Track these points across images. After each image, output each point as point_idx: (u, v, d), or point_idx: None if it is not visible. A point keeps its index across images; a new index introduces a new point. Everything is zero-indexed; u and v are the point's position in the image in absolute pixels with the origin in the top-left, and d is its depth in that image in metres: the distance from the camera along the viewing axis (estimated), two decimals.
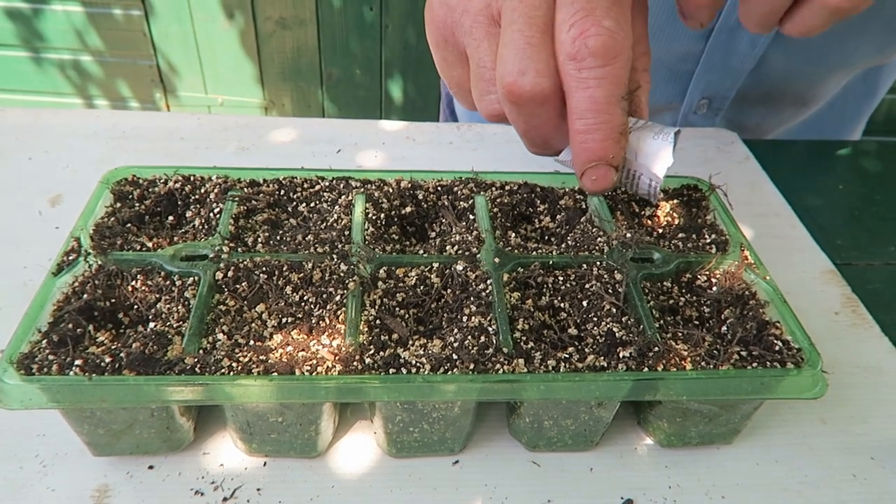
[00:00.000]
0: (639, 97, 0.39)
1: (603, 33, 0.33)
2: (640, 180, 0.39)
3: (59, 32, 1.71)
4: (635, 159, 0.39)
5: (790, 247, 0.55)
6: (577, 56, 0.33)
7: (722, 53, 0.63)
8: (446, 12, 0.39)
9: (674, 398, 0.35)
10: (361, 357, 0.34)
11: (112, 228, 0.40)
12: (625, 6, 0.35)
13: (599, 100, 0.34)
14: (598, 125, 0.34)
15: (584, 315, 0.38)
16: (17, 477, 0.36)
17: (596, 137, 0.35)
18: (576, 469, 0.39)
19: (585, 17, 0.33)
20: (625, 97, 0.35)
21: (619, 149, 0.35)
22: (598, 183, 0.36)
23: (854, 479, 0.39)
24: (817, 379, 0.35)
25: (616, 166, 0.36)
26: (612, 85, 0.34)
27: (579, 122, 0.35)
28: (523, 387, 0.34)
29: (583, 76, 0.34)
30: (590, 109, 0.34)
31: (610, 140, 0.35)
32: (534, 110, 0.35)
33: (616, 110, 0.34)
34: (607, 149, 0.35)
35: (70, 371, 0.32)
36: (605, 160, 0.35)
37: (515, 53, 0.34)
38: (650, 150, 0.38)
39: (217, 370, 0.33)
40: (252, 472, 0.37)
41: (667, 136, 0.38)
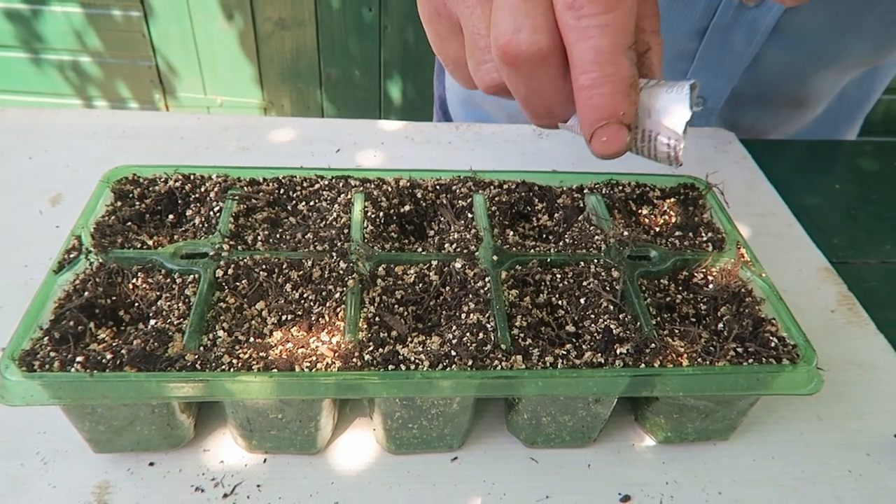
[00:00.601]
0: (650, 59, 0.36)
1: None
2: (657, 141, 0.35)
3: (59, 33, 1.71)
4: (648, 117, 0.35)
5: (787, 245, 0.56)
6: (574, 4, 0.30)
7: (717, 52, 0.63)
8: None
9: (670, 394, 0.35)
10: (361, 354, 0.34)
11: (113, 227, 0.41)
12: None
13: (603, 50, 0.31)
14: (604, 78, 0.31)
15: (582, 312, 0.38)
16: (19, 474, 0.36)
17: (603, 92, 0.31)
18: (574, 465, 0.39)
19: None
20: (632, 47, 0.32)
21: (630, 104, 0.32)
22: (609, 145, 0.33)
23: (850, 474, 0.39)
24: (812, 375, 0.36)
25: (628, 124, 0.32)
26: (617, 32, 0.31)
27: (583, 76, 0.31)
28: (521, 383, 0.34)
29: (583, 25, 0.31)
30: (594, 61, 0.31)
31: (619, 94, 0.31)
32: (533, 71, 0.32)
33: (623, 60, 0.31)
34: (617, 104, 0.32)
35: (71, 368, 0.32)
36: (616, 117, 0.32)
37: (509, 12, 0.32)
38: (663, 105, 0.34)
39: (217, 367, 0.33)
40: (252, 468, 0.37)
41: (681, 88, 0.34)
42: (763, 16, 0.60)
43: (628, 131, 0.33)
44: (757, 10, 0.59)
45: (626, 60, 0.31)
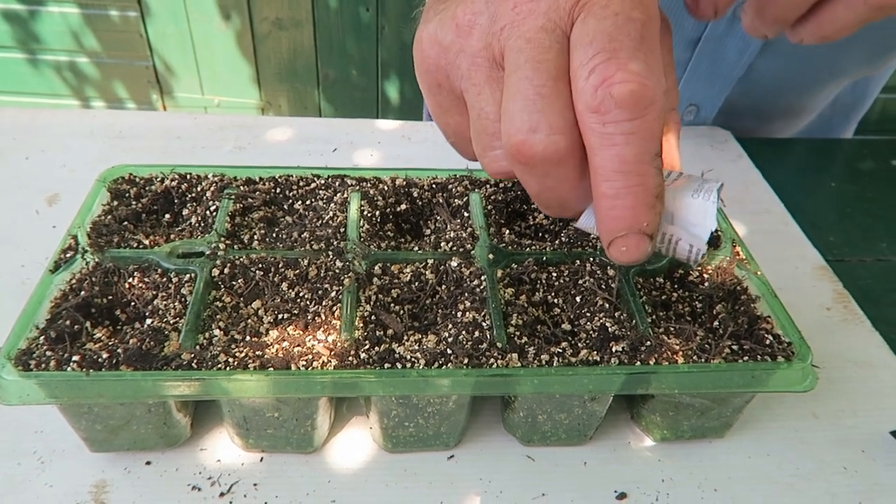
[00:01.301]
0: (668, 141, 0.35)
1: (631, 79, 0.27)
2: (678, 245, 0.33)
3: (56, 34, 1.71)
4: (671, 222, 0.33)
5: (782, 243, 0.56)
6: (600, 108, 0.28)
7: (709, 62, 0.63)
8: (439, 52, 0.33)
9: (666, 392, 0.35)
10: (357, 352, 0.34)
11: (109, 226, 0.41)
12: (653, 42, 0.29)
13: (629, 159, 0.28)
14: (628, 189, 0.29)
15: (578, 310, 0.38)
16: (16, 473, 0.36)
17: (626, 203, 0.29)
18: (569, 463, 0.39)
19: (608, 61, 0.28)
20: (658, 154, 0.29)
21: (655, 215, 0.30)
22: (629, 254, 0.30)
23: (845, 471, 0.39)
24: (807, 372, 0.36)
25: (650, 234, 0.30)
26: (645, 141, 0.28)
27: (605, 184, 0.29)
28: (517, 381, 0.34)
29: (608, 131, 0.28)
30: (618, 171, 0.28)
31: (643, 206, 0.29)
32: (548, 171, 0.30)
33: (650, 170, 0.28)
34: (640, 216, 0.29)
35: (68, 367, 0.32)
36: (638, 228, 0.29)
37: (524, 106, 0.29)
38: (689, 211, 0.32)
39: (213, 366, 0.33)
40: (249, 467, 0.38)
41: (709, 193, 0.32)
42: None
43: (650, 240, 0.30)
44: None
45: (653, 169, 0.29)
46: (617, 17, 0.28)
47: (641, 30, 0.28)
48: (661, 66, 0.29)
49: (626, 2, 0.29)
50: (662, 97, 0.29)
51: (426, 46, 0.34)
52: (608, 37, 0.28)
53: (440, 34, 0.33)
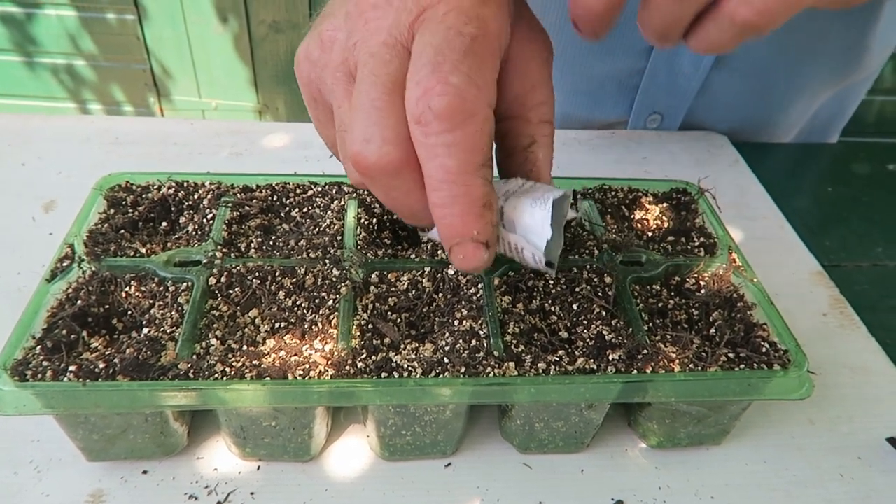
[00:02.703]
0: (534, 153, 0.35)
1: (448, 92, 0.28)
2: (523, 253, 0.34)
3: (53, 37, 1.70)
4: (514, 231, 0.34)
5: (779, 248, 0.56)
6: (421, 119, 0.29)
7: (665, 72, 0.64)
8: (310, 68, 0.34)
9: (663, 400, 0.36)
10: (354, 361, 0.34)
11: (105, 235, 0.41)
12: (482, 57, 0.30)
13: (452, 169, 0.29)
14: (453, 198, 0.30)
15: (575, 318, 0.38)
16: (12, 483, 0.36)
17: (454, 212, 0.30)
18: (567, 471, 0.39)
19: (430, 74, 0.28)
20: (485, 164, 0.30)
21: (484, 223, 0.30)
22: (467, 261, 0.31)
23: (841, 478, 0.39)
24: (804, 380, 0.36)
25: (484, 242, 0.31)
26: (465, 152, 0.29)
27: (433, 194, 0.30)
28: (514, 390, 0.34)
29: (431, 142, 0.29)
30: (443, 180, 0.29)
31: (470, 215, 0.30)
32: (388, 182, 0.31)
33: (474, 180, 0.29)
34: (468, 224, 0.30)
35: (64, 377, 0.32)
36: (469, 237, 0.30)
37: (360, 118, 0.30)
38: (527, 220, 0.33)
39: (210, 375, 0.33)
40: (246, 476, 0.37)
41: (545, 202, 0.33)
42: None
43: (486, 248, 0.31)
44: None
45: (478, 180, 0.30)
46: (448, 31, 0.29)
47: (470, 44, 0.29)
48: (490, 78, 0.30)
49: (461, 17, 0.30)
50: (487, 108, 0.30)
51: (300, 61, 0.35)
52: (435, 50, 0.29)
53: (310, 49, 0.34)
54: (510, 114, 0.35)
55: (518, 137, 0.35)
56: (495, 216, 0.31)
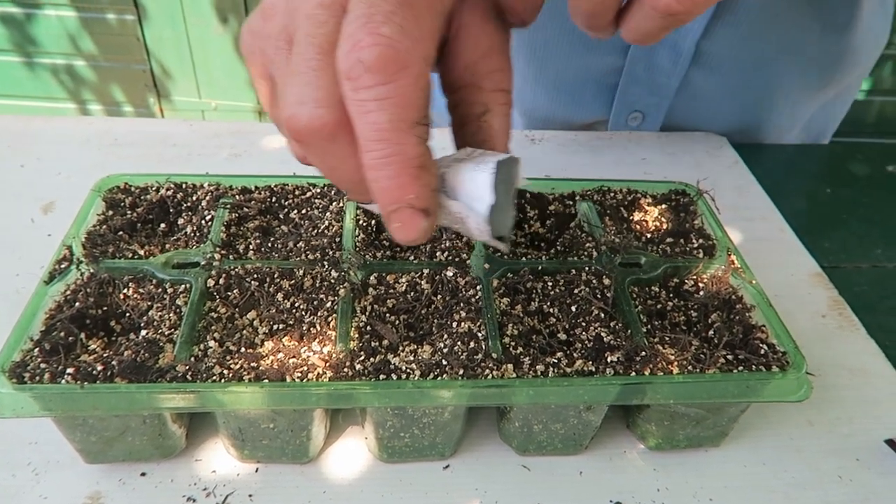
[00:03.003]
0: (487, 121, 0.34)
1: (380, 42, 0.27)
2: (468, 223, 0.32)
3: (52, 37, 1.70)
4: (456, 198, 0.32)
5: (778, 250, 0.56)
6: (350, 74, 0.27)
7: (644, 69, 0.64)
8: (252, 40, 0.33)
9: (661, 402, 0.35)
10: (352, 363, 0.34)
11: (104, 236, 0.41)
12: (420, 9, 0.28)
13: (384, 126, 0.27)
14: (386, 158, 0.28)
15: (573, 320, 0.38)
16: (10, 485, 0.36)
17: (388, 173, 0.28)
18: (565, 473, 0.39)
19: (362, 26, 0.27)
20: (421, 121, 0.28)
21: (421, 186, 0.28)
22: (405, 231, 0.29)
23: (840, 480, 0.39)
24: (802, 382, 0.36)
25: (423, 209, 0.29)
26: (398, 107, 0.27)
27: (366, 155, 0.28)
28: (512, 392, 0.34)
29: (360, 98, 0.27)
30: (374, 139, 0.28)
31: (405, 175, 0.28)
32: (323, 148, 0.29)
33: (408, 138, 0.28)
34: (403, 187, 0.28)
35: (62, 379, 0.32)
36: (406, 202, 0.29)
37: (295, 81, 0.29)
38: (468, 185, 0.31)
39: (208, 377, 0.33)
40: (244, 477, 0.37)
41: (487, 166, 0.31)
42: (683, 39, 0.60)
43: (425, 216, 0.29)
44: (677, 31, 0.60)
45: (412, 138, 0.28)
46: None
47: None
48: (425, 33, 0.28)
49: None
50: (421, 62, 0.28)
51: (243, 34, 0.34)
52: (368, 3, 0.27)
53: (253, 21, 0.33)
54: (463, 82, 0.34)
55: (471, 106, 0.34)
56: (433, 180, 0.29)
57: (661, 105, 0.67)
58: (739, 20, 0.60)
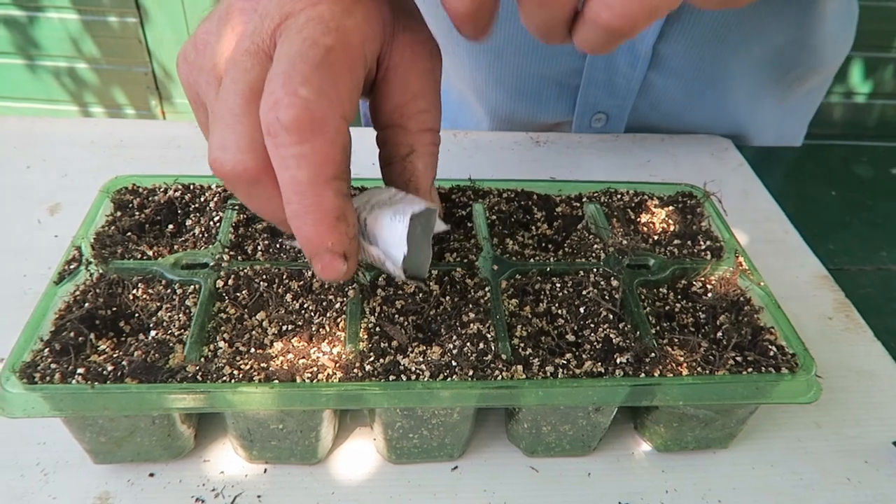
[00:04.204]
0: (412, 163, 0.35)
1: (296, 104, 0.28)
2: (386, 265, 0.34)
3: (54, 40, 1.71)
4: (376, 243, 0.34)
5: (783, 252, 0.56)
6: (270, 131, 0.28)
7: (603, 71, 0.64)
8: (187, 70, 0.34)
9: (670, 403, 0.35)
10: (361, 364, 0.34)
11: (112, 237, 0.41)
12: (339, 69, 0.30)
13: (303, 181, 0.29)
14: (305, 210, 0.29)
15: (582, 321, 0.38)
16: (19, 485, 0.36)
17: (307, 223, 0.30)
18: (574, 474, 0.39)
19: (281, 85, 0.28)
20: (339, 177, 0.30)
21: (339, 235, 0.30)
22: (326, 272, 0.31)
23: (848, 482, 0.39)
24: (811, 384, 0.36)
25: (341, 253, 0.31)
26: (316, 165, 0.29)
27: (287, 206, 0.30)
28: (522, 393, 0.34)
29: (281, 154, 0.29)
30: (294, 192, 0.29)
31: (323, 226, 0.30)
32: (247, 190, 0.31)
33: (325, 193, 0.29)
34: (322, 236, 0.30)
35: (72, 379, 0.32)
36: (325, 248, 0.30)
37: (218, 125, 0.30)
38: (386, 233, 0.33)
39: (218, 378, 0.33)
40: (252, 478, 0.37)
41: (404, 216, 0.33)
42: (639, 42, 0.61)
43: (343, 260, 0.31)
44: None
45: (330, 192, 0.29)
46: (304, 42, 0.29)
47: (325, 56, 0.29)
48: (343, 93, 0.29)
49: (320, 27, 0.29)
50: (340, 120, 0.29)
51: (179, 62, 0.34)
52: (289, 61, 0.28)
53: (188, 51, 0.34)
54: (390, 122, 0.35)
55: (397, 147, 0.35)
56: (351, 228, 0.31)
57: (624, 106, 0.67)
58: (696, 23, 0.60)
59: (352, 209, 0.31)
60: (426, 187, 0.36)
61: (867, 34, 1.66)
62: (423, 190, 0.36)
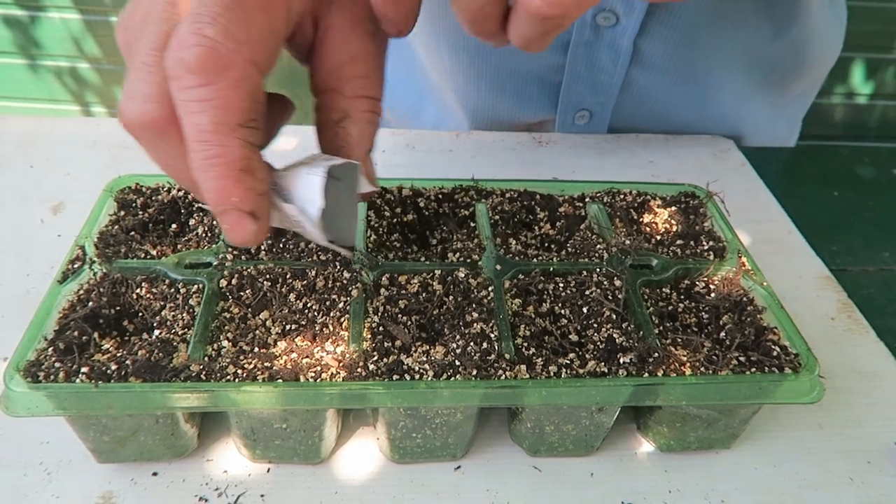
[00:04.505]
0: (345, 128, 0.33)
1: (202, 43, 0.27)
2: (304, 226, 0.32)
3: (56, 40, 1.71)
4: (290, 200, 0.32)
5: (786, 252, 0.56)
6: (173, 73, 0.27)
7: (586, 68, 0.63)
8: (121, 34, 0.32)
9: (673, 403, 0.36)
10: (365, 363, 0.34)
11: (116, 236, 0.41)
12: (252, 10, 0.28)
13: (206, 128, 0.27)
14: (209, 160, 0.28)
15: (585, 321, 0.38)
16: (22, 484, 0.36)
17: (211, 175, 0.28)
18: (576, 474, 0.39)
19: (188, 24, 0.27)
20: (246, 124, 0.28)
21: (244, 189, 0.28)
22: (233, 233, 0.30)
23: (851, 482, 0.39)
24: (814, 384, 0.36)
25: (251, 212, 0.29)
26: (220, 109, 0.27)
27: (190, 156, 0.28)
28: (525, 392, 0.34)
29: (183, 98, 0.27)
30: (197, 140, 0.28)
31: (227, 178, 0.28)
32: (154, 143, 0.30)
33: (230, 141, 0.28)
34: (226, 190, 0.28)
35: (76, 378, 0.32)
36: (231, 204, 0.29)
37: (130, 75, 0.29)
38: (301, 189, 0.31)
39: (222, 377, 0.33)
40: (256, 478, 0.37)
41: (320, 169, 0.31)
42: (620, 36, 0.60)
43: (252, 219, 0.29)
44: (614, 30, 0.59)
45: (235, 140, 0.28)
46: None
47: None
48: (254, 35, 0.28)
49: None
50: (247, 65, 0.28)
51: (117, 29, 0.33)
52: (199, 3, 0.27)
53: (122, 16, 0.33)
54: (326, 86, 0.34)
55: (331, 112, 0.34)
56: (259, 184, 0.29)
57: (607, 104, 0.66)
58: (676, 19, 0.60)
59: (261, 162, 0.29)
60: (359, 155, 0.34)
61: (869, 35, 1.66)
62: (356, 157, 0.34)
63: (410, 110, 0.74)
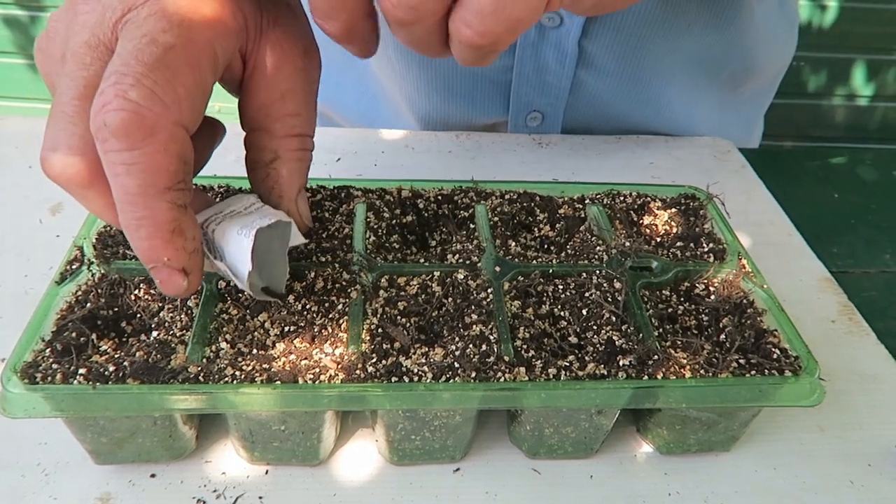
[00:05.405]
0: (276, 170, 0.34)
1: (125, 107, 0.26)
2: (236, 280, 0.33)
3: None
4: (223, 259, 0.33)
5: (786, 255, 0.56)
6: (98, 135, 0.27)
7: (533, 69, 0.63)
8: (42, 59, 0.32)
9: (673, 406, 0.35)
10: (364, 365, 0.34)
11: (114, 237, 0.41)
12: (179, 69, 0.27)
13: (133, 191, 0.27)
14: (138, 221, 0.28)
15: (584, 323, 0.38)
16: (20, 485, 0.36)
17: (141, 235, 0.28)
18: (576, 476, 0.39)
19: (112, 85, 0.26)
20: (174, 187, 0.28)
21: (174, 250, 0.28)
22: (165, 286, 0.30)
23: (851, 485, 0.39)
24: (815, 387, 0.36)
25: (182, 269, 0.29)
26: (146, 173, 0.27)
27: (120, 215, 0.28)
28: (524, 395, 0.34)
29: (110, 160, 0.27)
30: (125, 202, 0.27)
31: (157, 239, 0.28)
32: (81, 194, 0.29)
33: (157, 204, 0.27)
34: (156, 249, 0.28)
35: (74, 380, 0.32)
36: (161, 262, 0.29)
37: (50, 123, 0.28)
38: (232, 249, 0.32)
39: (220, 379, 0.33)
40: (254, 479, 0.37)
41: (250, 231, 0.31)
42: (564, 37, 0.60)
43: (184, 275, 0.29)
44: (559, 31, 0.60)
45: (163, 204, 0.27)
46: (142, 38, 0.27)
47: (163, 55, 0.27)
48: (181, 96, 0.27)
49: (161, 23, 0.27)
50: (175, 127, 0.27)
51: (35, 51, 0.32)
52: (123, 60, 0.27)
53: (41, 39, 0.32)
54: (256, 124, 0.33)
55: (261, 151, 0.34)
56: (190, 243, 0.29)
57: (558, 105, 0.66)
58: (619, 20, 0.60)
59: (191, 222, 0.30)
60: (290, 196, 0.34)
61: (869, 37, 1.66)
62: (288, 198, 0.34)
63: (364, 117, 0.74)
